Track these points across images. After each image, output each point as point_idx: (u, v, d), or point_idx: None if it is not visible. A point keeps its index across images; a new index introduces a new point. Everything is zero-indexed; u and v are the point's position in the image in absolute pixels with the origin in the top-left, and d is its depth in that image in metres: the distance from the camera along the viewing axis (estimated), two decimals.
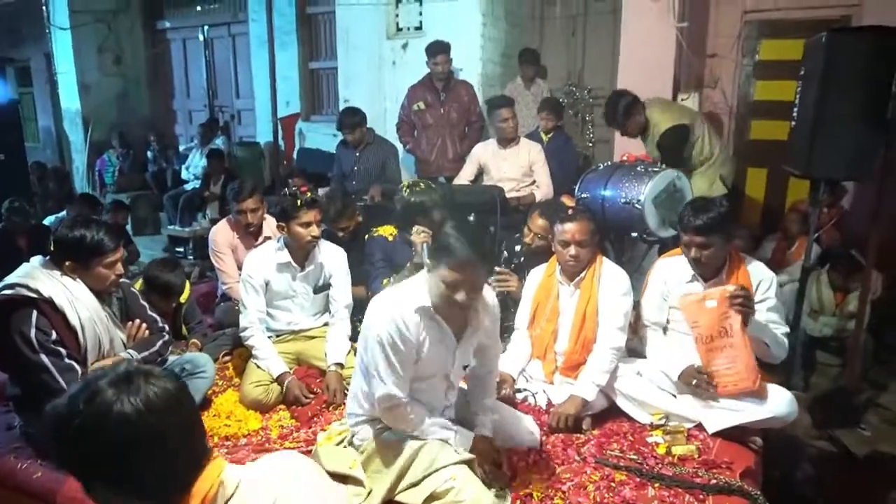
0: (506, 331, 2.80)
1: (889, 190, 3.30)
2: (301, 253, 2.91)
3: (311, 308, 3.03)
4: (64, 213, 6.09)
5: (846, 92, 2.91)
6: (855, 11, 4.27)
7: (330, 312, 3.03)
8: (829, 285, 3.87)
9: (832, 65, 2.92)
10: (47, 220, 5.93)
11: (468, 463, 1.96)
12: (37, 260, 2.31)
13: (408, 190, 3.14)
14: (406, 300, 1.95)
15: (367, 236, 3.29)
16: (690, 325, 2.46)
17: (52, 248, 2.31)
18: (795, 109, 3.31)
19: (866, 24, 3.77)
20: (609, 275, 2.64)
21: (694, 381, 2.41)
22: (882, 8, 3.73)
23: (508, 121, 4.17)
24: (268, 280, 2.88)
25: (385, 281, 3.12)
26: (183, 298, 3.23)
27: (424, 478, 1.92)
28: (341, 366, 2.82)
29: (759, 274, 2.52)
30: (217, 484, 1.09)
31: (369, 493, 1.99)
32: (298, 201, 2.80)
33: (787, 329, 2.54)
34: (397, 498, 1.96)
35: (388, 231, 3.23)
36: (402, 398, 1.96)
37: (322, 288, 3.00)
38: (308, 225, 2.82)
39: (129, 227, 6.45)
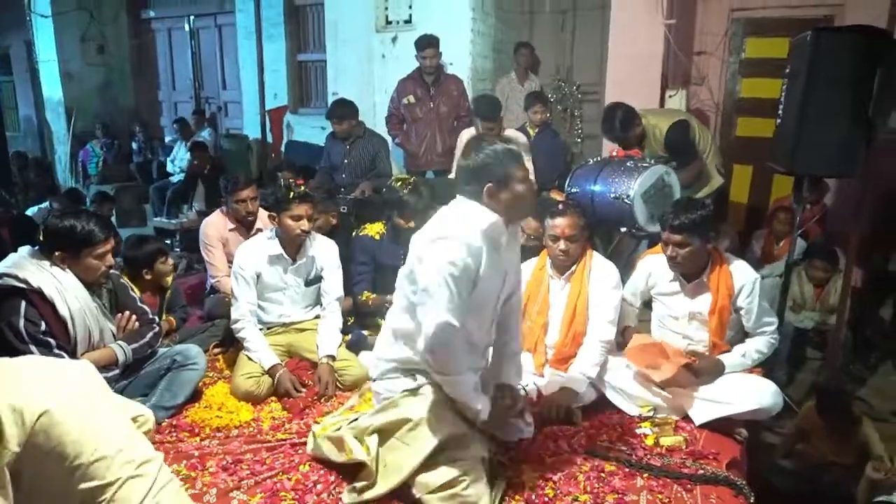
0: None
1: (870, 186, 3.38)
2: (293, 245, 2.91)
3: (302, 301, 3.03)
4: (46, 203, 6.03)
5: (830, 90, 2.95)
6: (838, 11, 4.33)
7: (321, 305, 3.04)
8: (809, 279, 3.94)
9: (817, 63, 2.97)
10: (30, 211, 5.86)
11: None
12: (25, 250, 2.29)
13: (399, 183, 3.15)
14: (470, 222, 1.92)
15: (353, 234, 3.28)
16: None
17: (41, 239, 2.30)
18: (781, 107, 3.36)
19: (848, 23, 3.83)
20: (599, 269, 2.68)
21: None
22: (863, 8, 3.79)
23: (492, 130, 4.17)
24: (259, 272, 2.88)
25: (366, 293, 3.14)
26: (167, 284, 3.22)
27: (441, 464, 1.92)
28: (332, 358, 2.82)
29: (741, 277, 2.57)
30: None
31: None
32: (291, 193, 2.80)
33: (775, 324, 2.62)
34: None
35: (374, 230, 3.23)
36: (458, 327, 1.87)
37: (313, 281, 3.01)
38: (299, 218, 2.82)
39: (114, 219, 6.37)
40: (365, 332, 3.16)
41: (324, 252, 3.00)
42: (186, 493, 1.60)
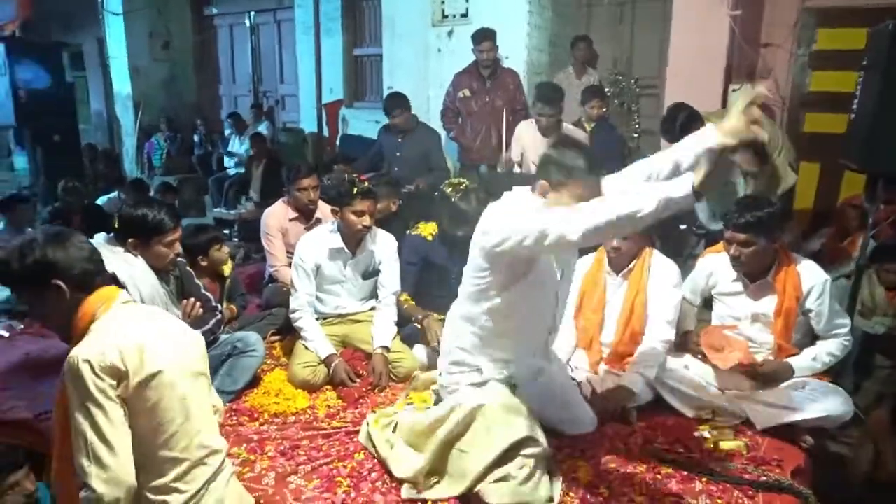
0: None
1: None
2: (353, 240, 2.94)
3: (359, 293, 3.07)
4: (115, 193, 6.30)
5: None
6: None
7: (377, 298, 3.07)
8: (881, 283, 3.75)
9: None
10: (99, 200, 6.13)
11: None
12: (101, 237, 2.40)
13: (451, 188, 3.08)
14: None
15: (406, 231, 3.28)
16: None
17: (115, 226, 2.40)
18: (856, 101, 3.20)
19: None
20: (659, 267, 2.61)
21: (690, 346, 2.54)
22: None
23: (545, 118, 4.11)
24: (319, 264, 2.93)
25: (405, 296, 3.14)
26: (226, 272, 3.31)
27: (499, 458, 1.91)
28: (387, 349, 2.86)
29: (810, 278, 2.48)
30: (102, 305, 1.53)
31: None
32: (355, 189, 2.82)
33: (848, 326, 2.53)
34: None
35: (428, 230, 3.21)
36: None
37: (371, 274, 3.04)
38: (361, 214, 2.84)
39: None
40: (419, 326, 3.17)
41: (383, 246, 3.03)
42: (240, 483, 1.80)
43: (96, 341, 1.47)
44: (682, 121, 3.58)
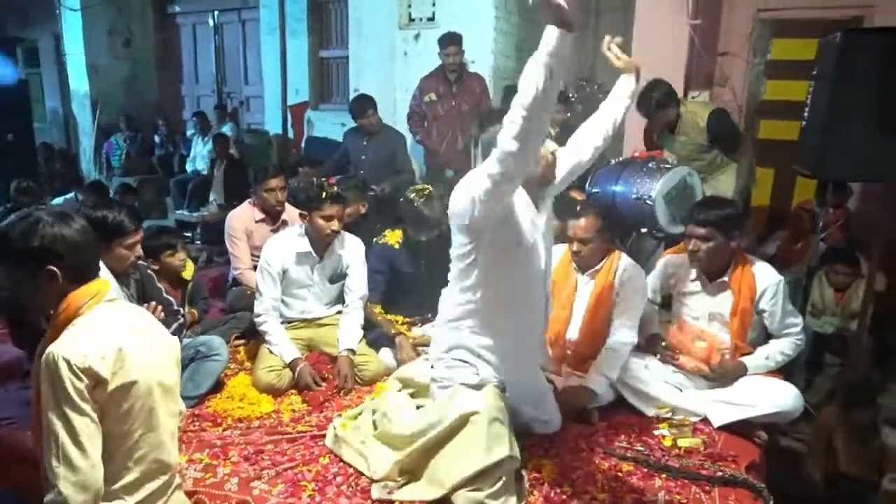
0: None
1: (894, 191, 3.33)
2: (321, 244, 2.93)
3: (325, 297, 3.06)
4: (72, 194, 6.13)
5: (859, 92, 2.92)
6: (867, 12, 4.26)
7: (343, 302, 3.06)
8: (830, 284, 3.90)
9: (846, 65, 2.93)
10: (55, 201, 5.96)
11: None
12: None
13: (413, 194, 3.10)
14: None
15: (373, 240, 3.27)
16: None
17: None
18: (807, 109, 3.33)
19: (878, 24, 3.79)
20: (627, 272, 2.65)
21: (658, 356, 2.59)
22: (894, 9, 3.74)
23: None
24: (285, 269, 2.91)
25: (378, 307, 3.13)
26: (188, 276, 3.26)
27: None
28: (353, 352, 2.85)
29: (765, 279, 2.56)
30: (90, 299, 1.49)
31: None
32: (324, 193, 2.80)
33: (800, 325, 2.62)
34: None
35: (394, 238, 3.20)
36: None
37: (338, 278, 3.03)
38: (330, 218, 2.83)
39: None
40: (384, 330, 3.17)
41: (351, 250, 3.02)
42: (183, 494, 1.78)
43: (77, 339, 1.43)
44: (659, 96, 3.65)
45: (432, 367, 2.22)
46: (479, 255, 1.97)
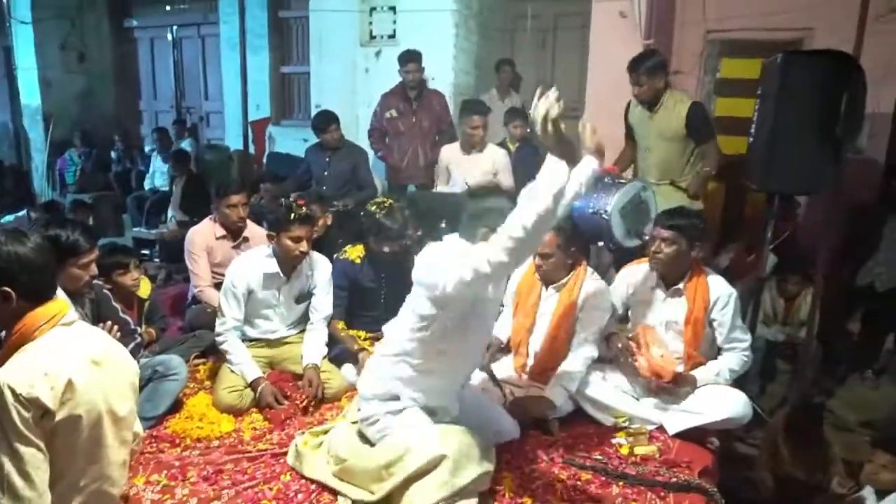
0: None
1: (838, 203, 3.50)
2: (289, 264, 2.89)
3: (290, 317, 3.05)
4: (23, 212, 5.97)
5: (799, 110, 3.07)
6: (808, 34, 4.49)
7: (308, 321, 3.05)
8: (780, 294, 4.05)
9: (786, 84, 3.08)
10: (5, 220, 5.79)
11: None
12: None
13: (375, 206, 3.13)
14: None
15: (334, 256, 3.27)
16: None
17: None
18: (753, 126, 3.48)
19: (818, 46, 3.98)
20: (591, 287, 2.71)
21: (620, 345, 2.61)
22: (832, 32, 3.93)
23: (479, 129, 4.25)
24: (252, 290, 2.86)
25: (341, 323, 3.14)
26: (144, 294, 3.21)
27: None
28: (317, 367, 2.85)
29: (718, 289, 2.64)
30: (46, 322, 1.46)
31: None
32: (293, 214, 2.76)
33: (748, 342, 2.68)
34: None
35: (355, 253, 3.22)
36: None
37: (304, 298, 3.01)
38: (299, 240, 2.79)
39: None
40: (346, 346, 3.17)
41: (318, 270, 3.01)
42: None
43: (26, 367, 1.39)
44: (652, 64, 3.68)
45: (358, 409, 2.23)
46: (437, 322, 2.01)
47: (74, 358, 1.46)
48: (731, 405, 2.47)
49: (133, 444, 1.71)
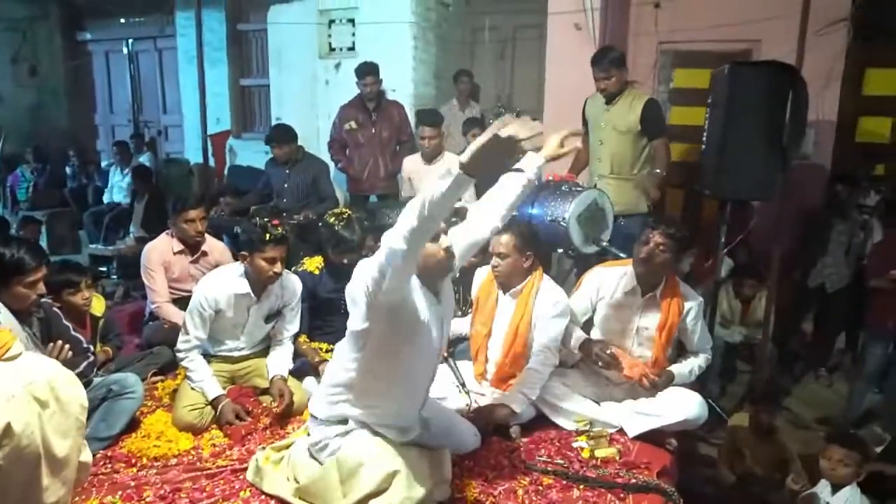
0: None
1: (787, 208, 3.62)
2: (260, 285, 2.83)
3: (258, 335, 3.00)
4: None
5: (747, 119, 3.18)
6: (755, 46, 4.65)
7: (274, 338, 3.02)
8: (736, 296, 4.17)
9: (734, 94, 3.20)
10: None
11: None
12: None
13: (333, 218, 3.12)
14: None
15: (293, 269, 3.23)
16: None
17: None
18: (705, 134, 3.58)
19: (764, 57, 4.13)
20: (547, 293, 2.71)
21: (596, 351, 2.59)
22: (777, 44, 4.09)
23: (429, 140, 4.29)
24: (220, 309, 2.81)
25: (303, 336, 3.12)
26: (98, 312, 3.13)
27: None
28: (285, 378, 2.82)
29: (690, 299, 2.72)
30: None
31: None
32: (267, 235, 2.69)
33: (709, 350, 2.80)
34: None
35: (314, 264, 3.20)
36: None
37: (273, 316, 2.97)
38: (273, 261, 2.73)
39: (44, 246, 6.14)
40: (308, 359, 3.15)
41: (288, 289, 2.95)
42: None
43: None
44: (614, 57, 3.75)
45: (308, 433, 2.21)
46: (371, 337, 1.99)
47: (16, 396, 1.39)
48: (688, 407, 2.53)
49: (80, 474, 1.65)
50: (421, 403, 2.21)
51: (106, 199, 6.99)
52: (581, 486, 2.20)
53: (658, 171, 3.79)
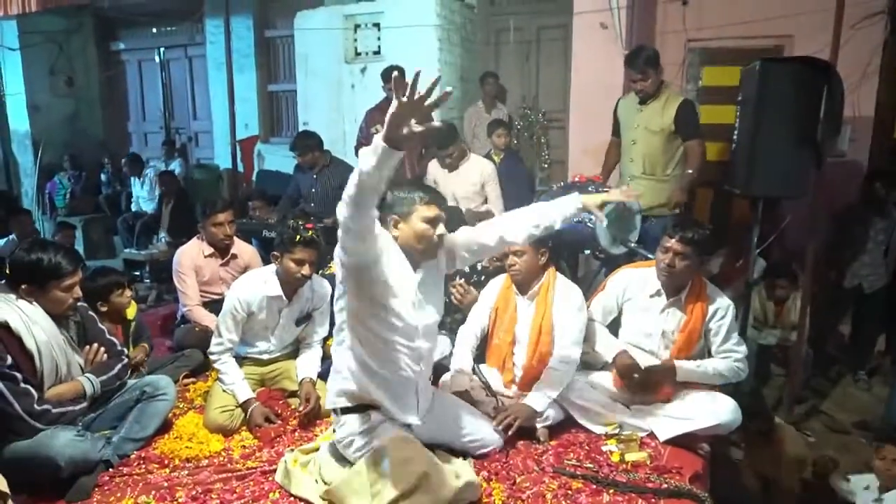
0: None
1: (821, 206, 3.53)
2: (291, 286, 2.87)
3: (288, 338, 3.03)
4: (12, 235, 5.94)
5: (779, 116, 3.11)
6: (787, 42, 4.56)
7: (304, 341, 3.05)
8: (769, 297, 4.07)
9: (765, 91, 3.13)
10: None
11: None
12: None
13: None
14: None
15: (319, 272, 3.26)
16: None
17: (7, 272, 2.29)
18: (735, 132, 3.51)
19: (797, 53, 4.04)
20: (563, 291, 2.72)
21: (636, 375, 2.58)
22: (810, 39, 4.00)
23: (448, 157, 4.28)
24: (252, 311, 2.85)
25: (330, 340, 3.12)
26: (130, 315, 3.19)
27: None
28: (314, 381, 2.85)
29: (716, 301, 2.65)
30: None
31: None
32: (298, 237, 2.74)
33: (742, 354, 2.65)
34: None
35: None
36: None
37: (303, 319, 3.00)
38: (301, 263, 2.77)
39: (81, 251, 6.31)
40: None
41: (318, 293, 2.99)
42: None
43: None
44: (647, 56, 3.71)
45: (333, 430, 2.27)
46: (349, 310, 2.08)
47: None
48: (720, 411, 2.47)
49: None
50: (414, 386, 2.22)
51: (133, 207, 7.16)
52: (611, 491, 2.16)
53: (690, 171, 3.74)
